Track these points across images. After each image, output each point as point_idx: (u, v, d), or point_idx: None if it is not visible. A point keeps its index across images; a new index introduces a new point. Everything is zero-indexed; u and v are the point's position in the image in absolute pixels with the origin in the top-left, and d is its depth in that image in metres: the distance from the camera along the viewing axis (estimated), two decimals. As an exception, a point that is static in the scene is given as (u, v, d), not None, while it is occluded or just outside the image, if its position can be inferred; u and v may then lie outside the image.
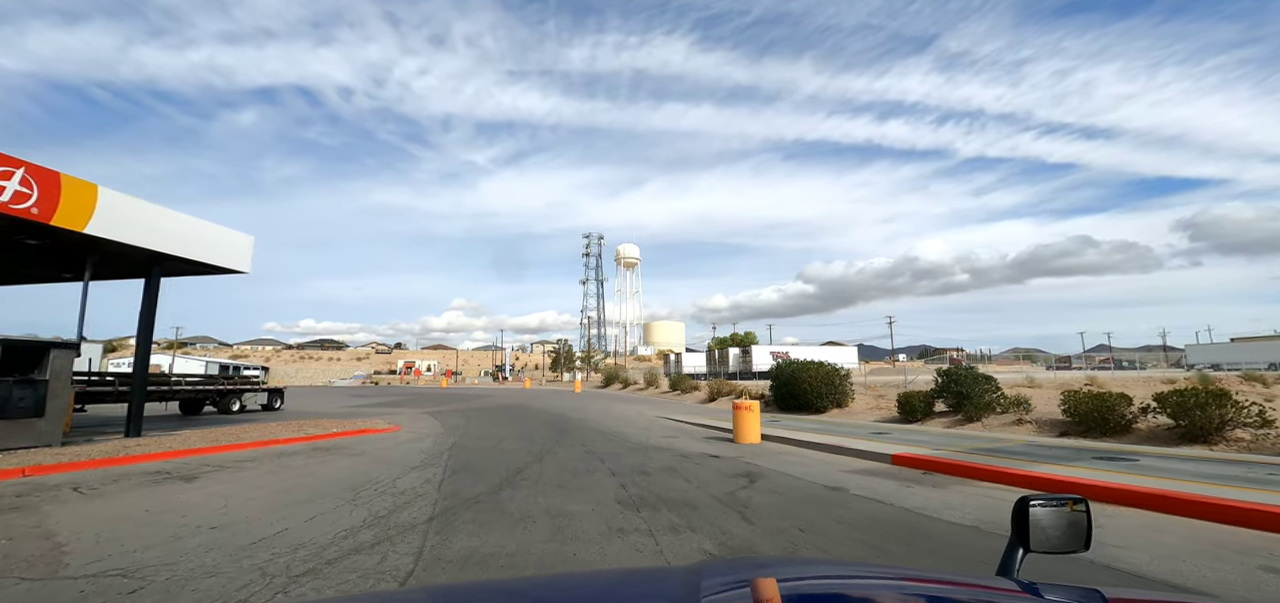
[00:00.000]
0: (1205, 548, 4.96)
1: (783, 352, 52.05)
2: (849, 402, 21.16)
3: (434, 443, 12.10)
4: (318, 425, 13.89)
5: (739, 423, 13.12)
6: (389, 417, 19.07)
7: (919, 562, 4.80)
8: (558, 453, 10.86)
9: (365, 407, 25.23)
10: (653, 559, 4.77)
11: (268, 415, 19.23)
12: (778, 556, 4.94)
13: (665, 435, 14.43)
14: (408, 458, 9.96)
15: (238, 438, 11.13)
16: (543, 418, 19.33)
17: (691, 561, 4.40)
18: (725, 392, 29.89)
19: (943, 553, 4.96)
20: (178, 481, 7.84)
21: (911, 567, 4.68)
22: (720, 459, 10.40)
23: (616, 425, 16.90)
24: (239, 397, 19.98)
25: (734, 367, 53.42)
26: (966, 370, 16.08)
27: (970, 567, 4.64)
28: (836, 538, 5.40)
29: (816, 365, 21.71)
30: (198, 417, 18.75)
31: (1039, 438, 12.29)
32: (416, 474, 8.49)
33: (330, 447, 11.07)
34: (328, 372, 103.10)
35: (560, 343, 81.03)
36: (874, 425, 16.16)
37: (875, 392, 24.11)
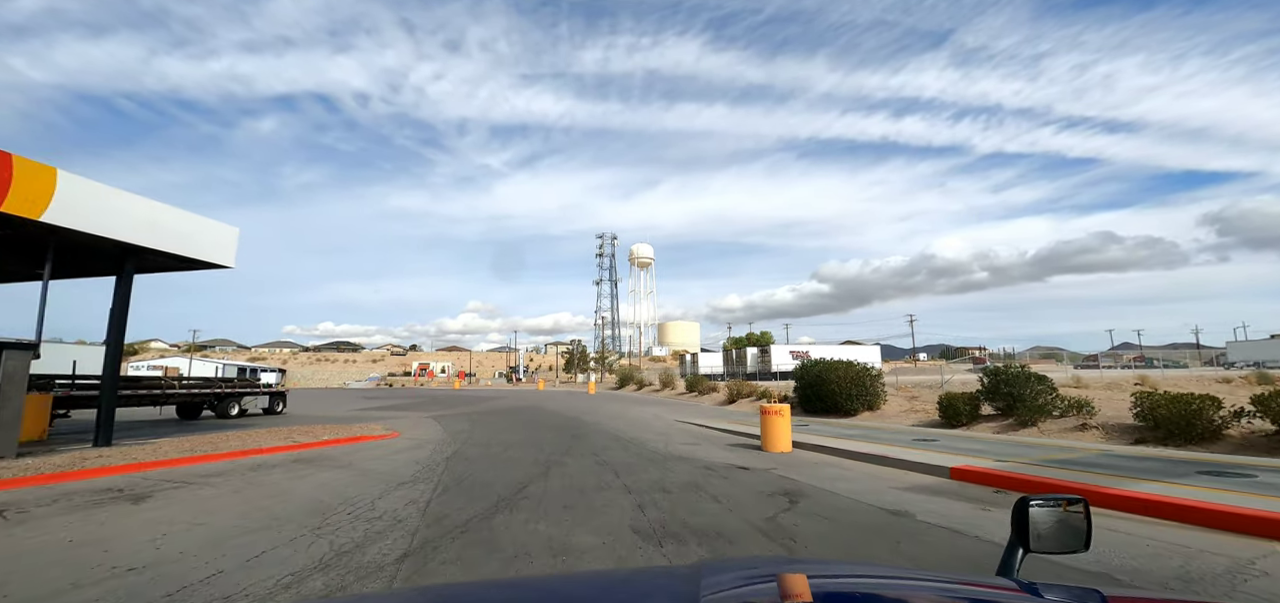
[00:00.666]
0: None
1: (802, 351, 50.40)
2: (881, 404, 19.70)
3: (432, 452, 11.00)
4: (310, 433, 12.88)
5: (768, 429, 11.83)
6: (391, 422, 18.07)
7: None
8: (567, 464, 9.68)
9: (370, 411, 24.34)
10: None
11: (265, 421, 18.34)
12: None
13: (686, 442, 13.19)
14: (397, 471, 8.85)
15: (216, 447, 10.13)
16: (553, 422, 18.19)
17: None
18: (745, 393, 28.53)
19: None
20: (125, 502, 6.79)
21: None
22: (750, 472, 9.14)
23: (632, 431, 15.69)
24: (238, 400, 19.15)
25: (752, 367, 51.86)
26: (1018, 369, 14.59)
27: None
28: (924, 590, 4.11)
29: (845, 365, 20.29)
30: (195, 422, 17.92)
31: (1112, 446, 10.82)
32: (402, 493, 7.36)
33: (315, 458, 10.01)
34: (344, 374, 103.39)
35: (574, 344, 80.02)
36: (914, 431, 14.75)
37: (906, 393, 22.60)
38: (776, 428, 11.78)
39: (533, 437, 14.01)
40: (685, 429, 16.56)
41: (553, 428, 16.31)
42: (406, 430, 15.14)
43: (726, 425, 16.92)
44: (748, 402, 27.49)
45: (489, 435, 14.21)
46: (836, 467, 9.69)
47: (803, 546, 5.18)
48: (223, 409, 18.63)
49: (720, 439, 14.06)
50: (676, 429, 16.47)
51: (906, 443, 11.96)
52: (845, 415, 19.29)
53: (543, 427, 16.69)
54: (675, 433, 15.37)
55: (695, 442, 13.38)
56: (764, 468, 9.52)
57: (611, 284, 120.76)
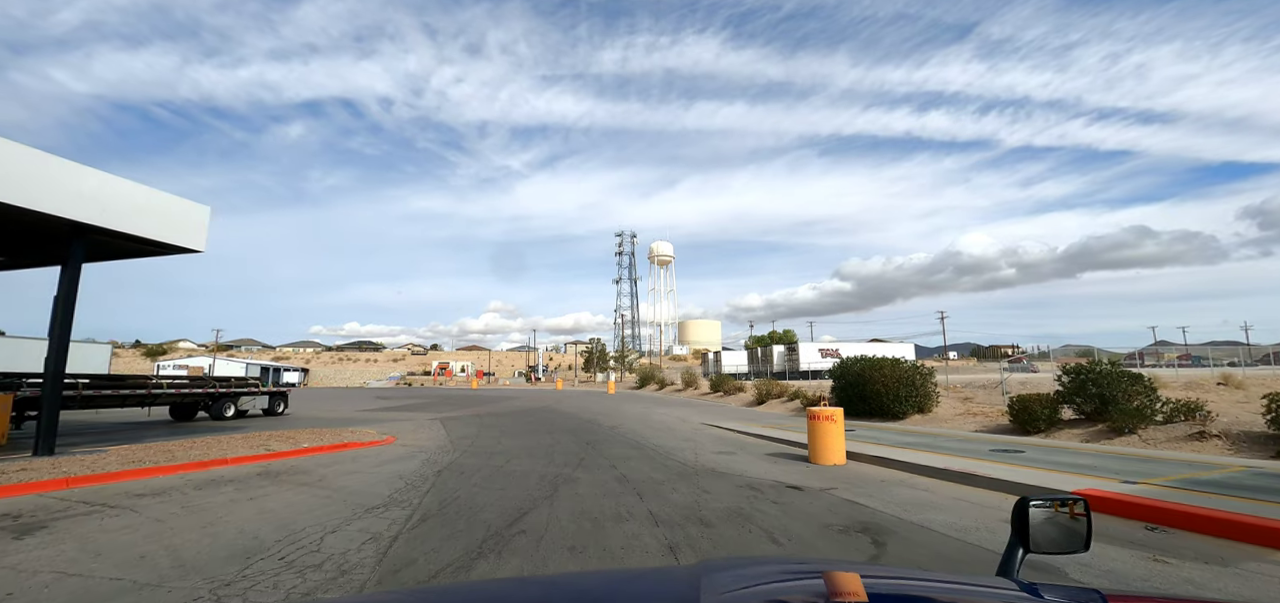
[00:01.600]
0: None
1: (832, 348, 48.05)
2: (932, 406, 17.65)
3: (422, 463, 9.42)
4: (291, 439, 11.44)
5: (818, 438, 10.00)
6: (392, 425, 16.64)
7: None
8: (578, 482, 8.00)
9: (376, 412, 23.03)
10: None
11: (259, 423, 17.07)
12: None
13: (718, 451, 11.42)
14: (372, 490, 7.26)
15: (172, 457, 8.68)
16: (569, 425, 16.56)
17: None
18: (774, 393, 26.59)
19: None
20: (6, 536, 5.29)
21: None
22: (806, 494, 7.35)
23: (656, 436, 13.97)
24: (233, 401, 17.92)
25: (779, 366, 49.58)
26: (1108, 367, 12.49)
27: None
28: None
29: (891, 363, 18.27)
30: (185, 424, 16.74)
31: (1256, 461, 8.75)
32: (366, 523, 5.75)
33: (284, 471, 8.49)
34: (365, 373, 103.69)
35: (593, 342, 78.52)
36: (984, 439, 12.75)
37: (956, 393, 20.47)
38: (828, 437, 9.94)
39: (544, 443, 12.38)
40: (715, 435, 14.78)
41: (566, 432, 14.67)
42: (404, 435, 13.64)
43: (761, 430, 15.09)
44: (778, 403, 25.56)
45: (494, 442, 12.62)
46: (909, 486, 7.83)
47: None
48: (217, 411, 17.42)
49: (757, 447, 12.25)
50: (705, 435, 14.69)
51: (985, 454, 10.02)
52: (892, 419, 17.30)
53: (556, 430, 15.06)
54: (704, 439, 13.61)
55: (729, 450, 11.60)
56: (820, 487, 7.71)
57: (631, 283, 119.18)
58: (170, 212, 9.71)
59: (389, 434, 13.43)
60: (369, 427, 15.88)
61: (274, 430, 13.39)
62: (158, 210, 9.49)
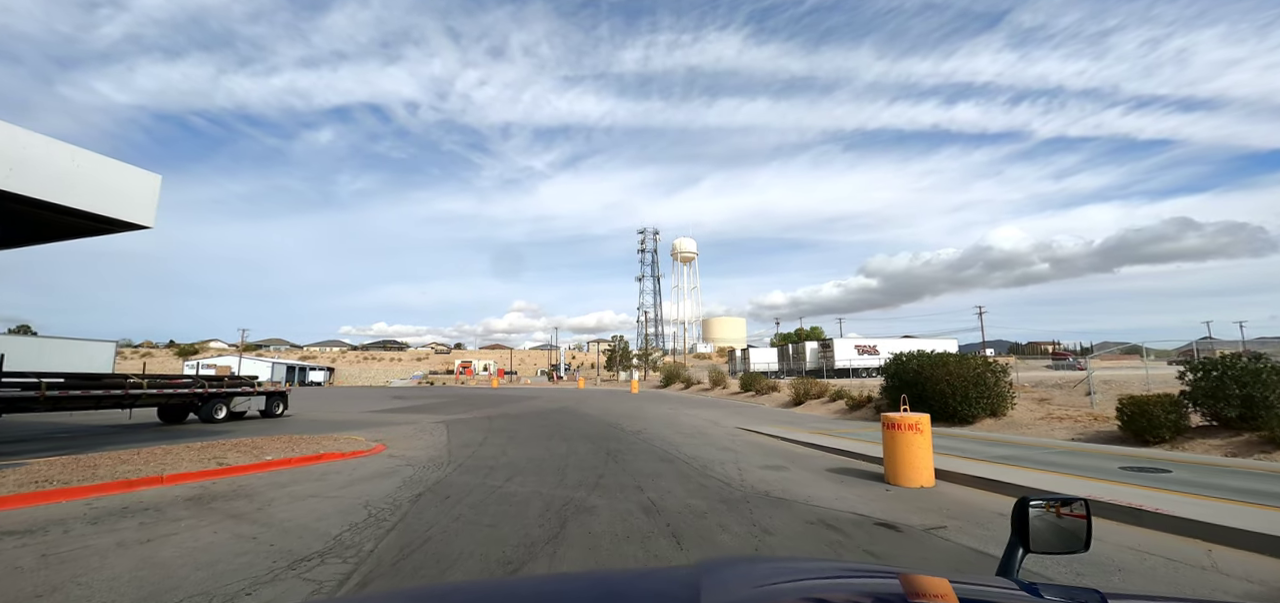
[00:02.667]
0: None
1: (869, 345, 45.24)
2: (1008, 409, 15.25)
3: (403, 483, 7.59)
4: (256, 450, 9.75)
5: (899, 452, 7.88)
6: (390, 429, 14.96)
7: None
8: (596, 511, 6.07)
9: (385, 413, 21.50)
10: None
11: (248, 426, 15.59)
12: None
13: (766, 465, 9.37)
14: (317, 527, 5.43)
15: (93, 474, 7.02)
16: (588, 429, 14.67)
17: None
18: (813, 393, 24.30)
19: None
20: None
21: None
22: (906, 536, 5.29)
23: (688, 444, 11.96)
24: (225, 402, 16.50)
25: (813, 363, 46.86)
26: (1256, 363, 10.06)
27: None
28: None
29: (957, 359, 15.93)
30: (168, 427, 15.37)
31: None
32: (278, 589, 3.89)
33: (220, 495, 6.74)
34: (388, 372, 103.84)
35: (615, 340, 76.65)
36: (1090, 450, 10.43)
37: (1029, 393, 17.97)
38: (913, 451, 7.81)
39: (556, 453, 10.48)
40: (755, 442, 12.70)
41: (584, 439, 12.77)
42: (398, 442, 11.89)
43: (808, 438, 12.96)
44: (818, 403, 23.28)
45: (499, 451, 10.77)
46: (1049, 525, 5.67)
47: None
48: (207, 413, 16.00)
49: (810, 459, 10.16)
50: (744, 443, 12.63)
51: (1115, 474, 7.78)
52: (959, 423, 14.97)
53: (572, 436, 13.17)
54: (744, 449, 11.55)
55: (778, 464, 9.54)
56: (923, 526, 5.63)
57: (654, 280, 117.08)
58: (106, 179, 8.08)
59: (380, 441, 11.71)
60: (365, 431, 14.23)
61: (255, 437, 11.79)
62: (89, 177, 7.86)
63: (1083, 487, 6.92)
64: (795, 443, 12.43)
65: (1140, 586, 4.08)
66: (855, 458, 10.11)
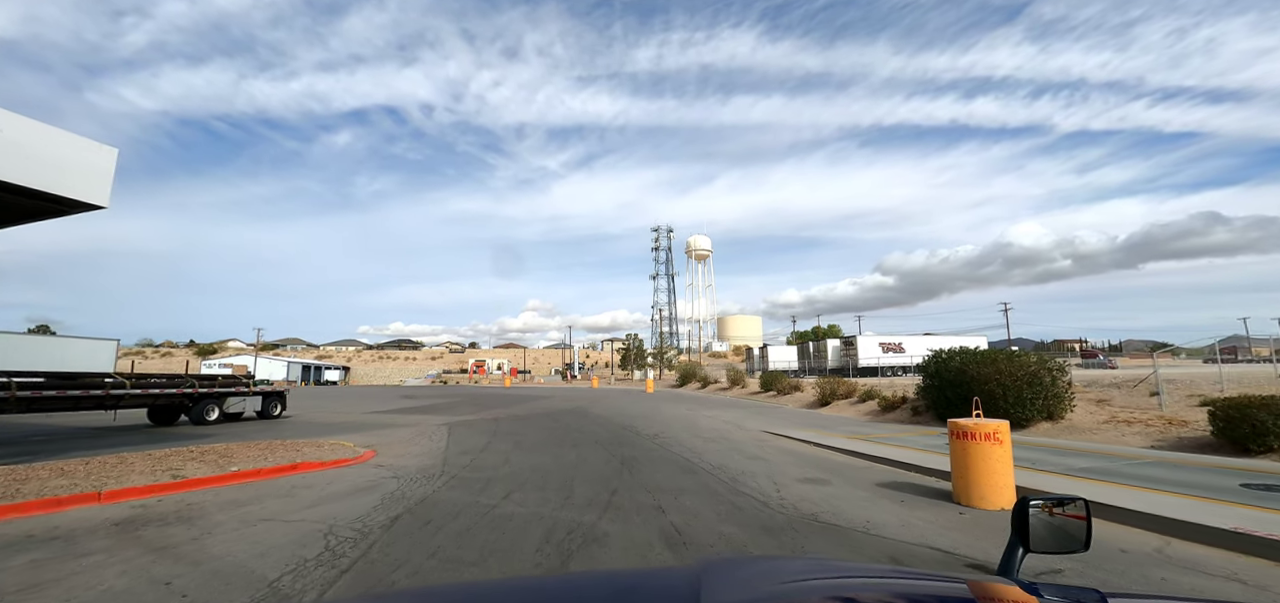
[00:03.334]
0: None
1: (894, 342, 43.45)
2: (1066, 412, 13.75)
3: (381, 502, 6.45)
4: (223, 459, 8.70)
5: (973, 467, 6.56)
6: (387, 432, 13.91)
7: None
8: (607, 540, 4.86)
9: (387, 414, 20.52)
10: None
11: (239, 429, 14.66)
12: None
13: (804, 477, 8.09)
14: (253, 567, 4.29)
15: (16, 493, 5.94)
16: (601, 433, 13.47)
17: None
18: (841, 393, 22.85)
19: None
20: None
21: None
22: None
23: (711, 451, 10.71)
24: (217, 403, 15.58)
25: (835, 361, 45.10)
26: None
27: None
28: None
29: (1007, 356, 14.46)
30: (154, 430, 14.51)
31: None
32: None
33: (159, 517, 5.65)
34: (403, 371, 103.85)
35: (630, 338, 75.43)
36: (1181, 460, 8.98)
37: (1087, 395, 16.39)
38: (991, 466, 6.49)
39: (564, 462, 9.30)
40: (786, 449, 11.40)
41: (596, 444, 11.58)
42: (390, 448, 10.80)
43: (845, 444, 11.62)
44: (846, 404, 21.83)
45: (501, 459, 9.61)
46: (1201, 568, 4.35)
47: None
48: (198, 414, 15.09)
49: (855, 471, 8.84)
50: (774, 449, 11.35)
51: (1237, 493, 6.38)
52: (1014, 428, 13.49)
53: (583, 441, 11.99)
54: (775, 456, 10.27)
55: (818, 477, 8.24)
56: (1034, 567, 4.31)
57: (668, 278, 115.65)
58: (49, 151, 7.06)
59: (371, 447, 10.62)
60: (361, 434, 13.20)
61: (231, 443, 10.78)
62: (25, 147, 6.84)
63: (1217, 514, 5.54)
64: (832, 450, 11.11)
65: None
66: (907, 470, 8.78)
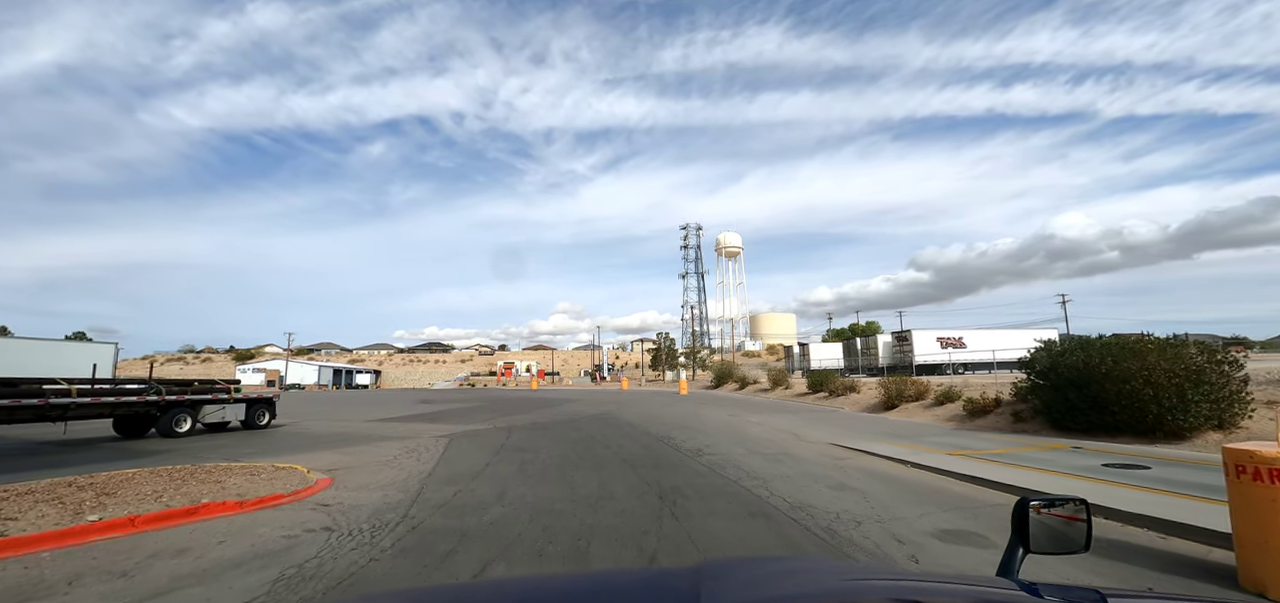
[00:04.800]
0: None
1: (954, 337, 39.51)
2: (1244, 418, 10.47)
3: (280, 581, 3.94)
4: (109, 496, 6.34)
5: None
6: (378, 446, 11.55)
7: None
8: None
9: (395, 423, 18.32)
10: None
11: (216, 442, 12.55)
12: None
13: (941, 530, 5.27)
14: None
15: None
16: (631, 448, 10.85)
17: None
18: (909, 394, 19.63)
19: None
20: None
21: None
22: None
23: (776, 473, 7.95)
24: (190, 412, 13.56)
25: (887, 358, 41.26)
26: None
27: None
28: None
29: (1159, 347, 11.21)
30: (135, 441, 12.58)
31: None
32: None
33: None
34: (433, 374, 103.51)
35: (661, 337, 72.58)
36: None
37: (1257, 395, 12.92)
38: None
39: (580, 496, 6.70)
40: (874, 470, 8.54)
41: (626, 463, 8.96)
42: (361, 472, 8.38)
43: (955, 465, 8.69)
44: (918, 408, 18.67)
45: (496, 492, 7.07)
46: None
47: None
48: (166, 425, 13.07)
49: (998, 514, 5.94)
50: (859, 471, 8.51)
51: None
52: (1169, 438, 10.29)
53: (609, 460, 9.39)
54: (868, 483, 7.45)
55: (958, 528, 5.41)
56: None
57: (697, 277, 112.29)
58: None
59: (333, 472, 8.22)
60: (339, 450, 10.89)
61: (131, 469, 8.55)
62: None
63: None
64: (942, 474, 8.20)
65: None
66: (1094, 513, 5.84)
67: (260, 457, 9.95)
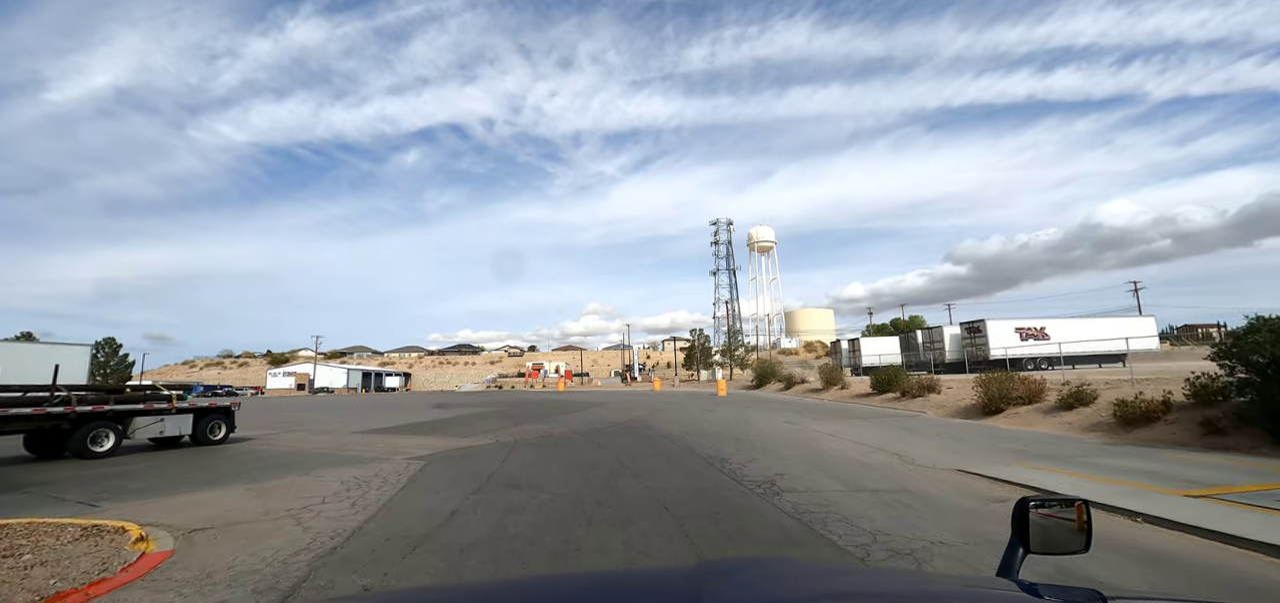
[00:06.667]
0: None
1: (1035, 327, 34.67)
2: None
3: None
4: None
5: None
6: (325, 474, 8.48)
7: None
8: None
9: (383, 434, 15.39)
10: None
11: (107, 467, 9.71)
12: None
13: None
14: None
15: None
16: (673, 484, 7.52)
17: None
18: (1016, 394, 15.63)
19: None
20: None
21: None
22: None
23: (919, 542, 4.48)
24: (114, 426, 10.83)
25: (954, 352, 36.59)
26: None
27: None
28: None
29: None
30: (51, 462, 9.90)
31: None
32: None
33: None
34: (462, 377, 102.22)
35: (695, 334, 68.84)
36: None
37: None
38: None
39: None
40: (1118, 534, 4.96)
41: (664, 511, 5.64)
42: (247, 530, 5.28)
43: (1231, 525, 5.02)
44: (1033, 412, 14.71)
45: (447, 566, 3.78)
46: None
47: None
48: (79, 444, 10.36)
49: None
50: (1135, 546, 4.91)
51: None
52: None
53: (638, 506, 6.08)
54: (1083, 559, 3.91)
55: None
56: None
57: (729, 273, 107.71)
58: None
59: (190, 535, 5.12)
60: (275, 476, 7.88)
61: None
62: None
63: None
64: (1223, 542, 4.59)
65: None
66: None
67: (142, 495, 6.97)
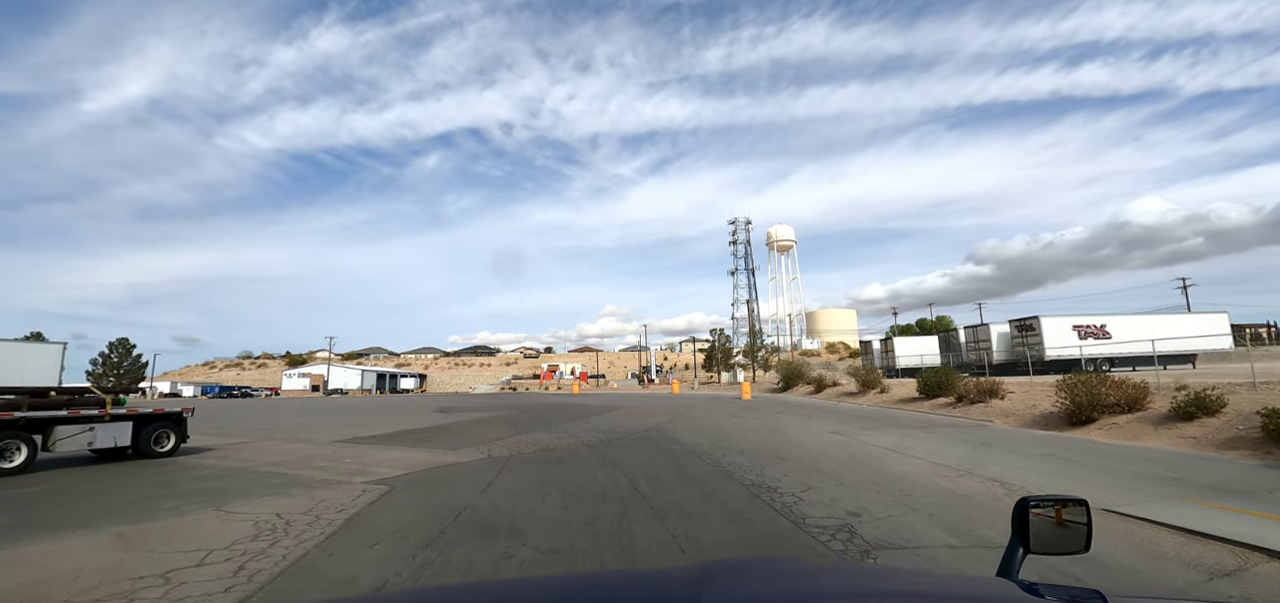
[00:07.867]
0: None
1: (1095, 325, 31.62)
2: None
3: None
4: None
5: None
6: (258, 502, 6.46)
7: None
8: None
9: (361, 444, 13.44)
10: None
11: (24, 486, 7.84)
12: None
13: None
14: None
15: None
16: (708, 530, 5.36)
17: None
18: (1109, 400, 13.08)
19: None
20: None
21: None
22: None
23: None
24: (28, 438, 9.02)
25: (1002, 352, 33.65)
26: None
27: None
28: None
29: None
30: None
31: None
32: None
33: None
34: (478, 378, 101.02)
35: (715, 334, 66.32)
36: None
37: None
38: None
39: None
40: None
41: None
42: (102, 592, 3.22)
43: None
44: (1134, 421, 12.21)
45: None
46: None
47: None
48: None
49: None
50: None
51: None
52: None
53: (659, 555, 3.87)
54: None
55: None
56: None
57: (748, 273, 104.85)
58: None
59: None
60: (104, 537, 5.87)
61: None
62: None
63: None
64: None
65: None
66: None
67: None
